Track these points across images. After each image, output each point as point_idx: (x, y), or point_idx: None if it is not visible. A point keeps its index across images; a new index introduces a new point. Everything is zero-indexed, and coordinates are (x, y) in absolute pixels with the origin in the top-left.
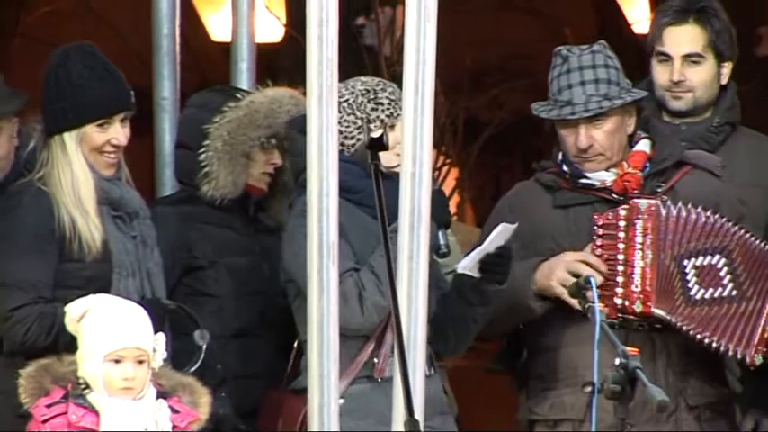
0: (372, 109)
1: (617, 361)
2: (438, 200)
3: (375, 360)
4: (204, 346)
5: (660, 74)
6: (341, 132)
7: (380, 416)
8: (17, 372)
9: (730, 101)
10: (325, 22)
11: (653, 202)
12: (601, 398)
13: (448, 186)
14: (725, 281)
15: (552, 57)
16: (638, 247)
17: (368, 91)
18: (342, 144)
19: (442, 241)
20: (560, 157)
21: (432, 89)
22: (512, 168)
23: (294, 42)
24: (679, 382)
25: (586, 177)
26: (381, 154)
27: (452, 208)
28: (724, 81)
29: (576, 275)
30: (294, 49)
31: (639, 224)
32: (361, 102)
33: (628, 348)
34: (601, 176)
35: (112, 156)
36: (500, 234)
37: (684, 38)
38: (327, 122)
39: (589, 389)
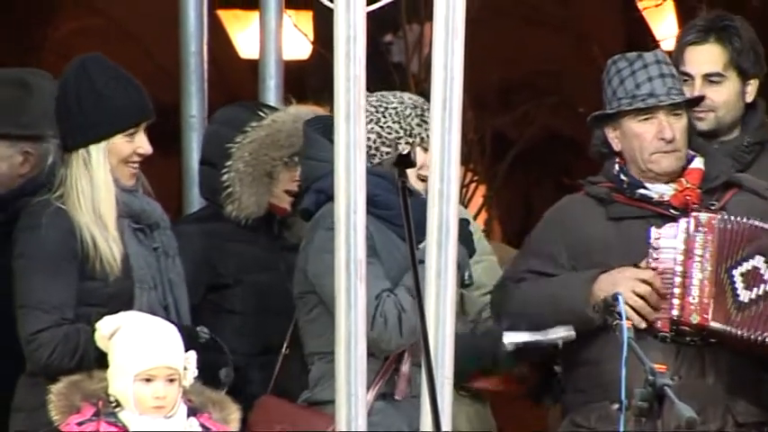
0: (417, 124)
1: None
2: (463, 229)
3: (395, 378)
4: (226, 386)
5: None
6: (379, 136)
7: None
8: (40, 390)
9: (759, 119)
10: (353, 39)
11: (715, 215)
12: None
13: (475, 203)
14: (766, 276)
15: (610, 65)
16: (698, 259)
17: (416, 106)
18: (377, 149)
19: (466, 272)
20: (617, 168)
21: (459, 106)
22: (540, 185)
23: (322, 59)
24: (727, 399)
25: (645, 188)
26: (410, 173)
27: (480, 225)
28: (749, 99)
29: (640, 295)
30: (322, 67)
31: (700, 237)
32: (409, 113)
33: (656, 365)
34: (660, 189)
35: (136, 166)
36: (560, 336)
37: (705, 57)
38: (355, 139)
39: (617, 406)
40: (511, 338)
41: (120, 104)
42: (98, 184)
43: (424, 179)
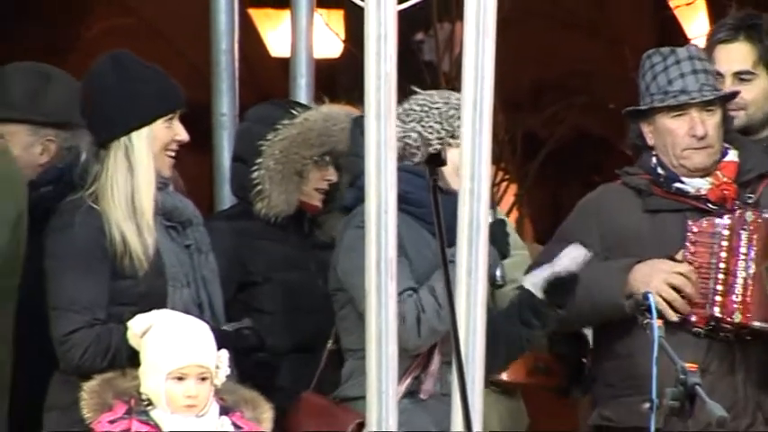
0: (459, 126)
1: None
2: (499, 230)
3: (422, 376)
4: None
5: None
6: (420, 135)
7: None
8: (72, 388)
9: None
10: (384, 37)
11: (760, 215)
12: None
13: (506, 202)
14: None
15: (644, 59)
16: (742, 257)
17: (459, 108)
18: (417, 149)
19: (498, 273)
20: (654, 161)
21: (490, 105)
22: (570, 184)
23: (353, 58)
24: (757, 395)
25: (681, 182)
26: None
27: (512, 224)
28: None
29: (675, 288)
30: (353, 65)
31: (745, 235)
32: (452, 114)
33: (687, 364)
34: (696, 183)
35: (173, 154)
36: (573, 257)
37: (735, 56)
38: (386, 138)
39: (648, 405)
40: (530, 280)
41: (158, 90)
42: (139, 173)
43: None
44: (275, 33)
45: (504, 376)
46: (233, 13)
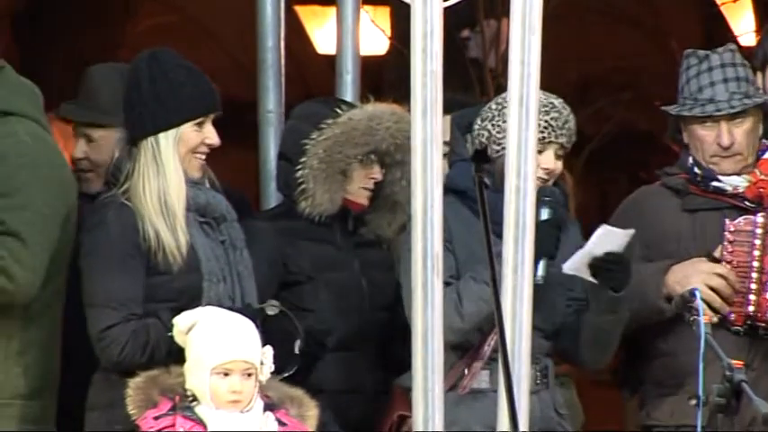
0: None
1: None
2: (549, 231)
3: (465, 372)
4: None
5: None
6: (490, 134)
7: (466, 427)
8: (113, 387)
9: None
10: (430, 34)
11: None
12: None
13: None
14: None
15: (683, 59)
16: None
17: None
18: (486, 147)
19: (540, 272)
20: (691, 160)
21: (536, 102)
22: (616, 181)
23: (399, 55)
24: None
25: (719, 181)
26: None
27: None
28: None
29: (713, 288)
30: (399, 62)
31: None
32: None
33: (733, 361)
34: (733, 181)
35: (203, 157)
36: (605, 236)
37: None
38: (432, 134)
39: (694, 401)
40: (569, 266)
41: (190, 93)
42: (167, 173)
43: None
44: (321, 30)
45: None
46: (279, 11)
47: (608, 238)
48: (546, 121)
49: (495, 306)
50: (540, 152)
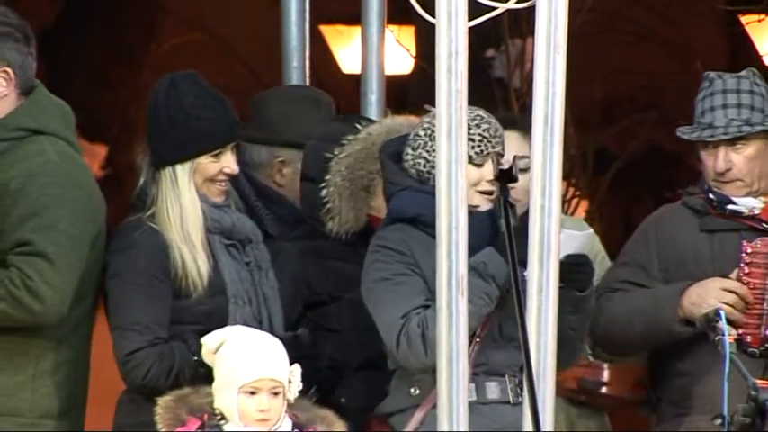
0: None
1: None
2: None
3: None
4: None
5: None
6: (427, 162)
7: None
8: (139, 408)
9: None
10: (455, 54)
11: None
12: None
13: (578, 218)
14: None
15: (702, 79)
16: None
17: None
18: (428, 173)
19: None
20: (706, 185)
21: (561, 121)
22: (642, 200)
23: (424, 74)
24: None
25: (734, 204)
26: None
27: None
28: None
29: (729, 305)
30: (424, 82)
31: None
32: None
33: (758, 381)
34: (749, 204)
35: (224, 184)
36: (564, 241)
37: None
38: (457, 155)
39: (719, 421)
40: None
41: (207, 126)
42: (184, 203)
43: (485, 193)
44: (346, 50)
45: (606, 389)
46: (304, 30)
47: (567, 242)
48: (479, 134)
49: (519, 326)
50: (479, 166)
